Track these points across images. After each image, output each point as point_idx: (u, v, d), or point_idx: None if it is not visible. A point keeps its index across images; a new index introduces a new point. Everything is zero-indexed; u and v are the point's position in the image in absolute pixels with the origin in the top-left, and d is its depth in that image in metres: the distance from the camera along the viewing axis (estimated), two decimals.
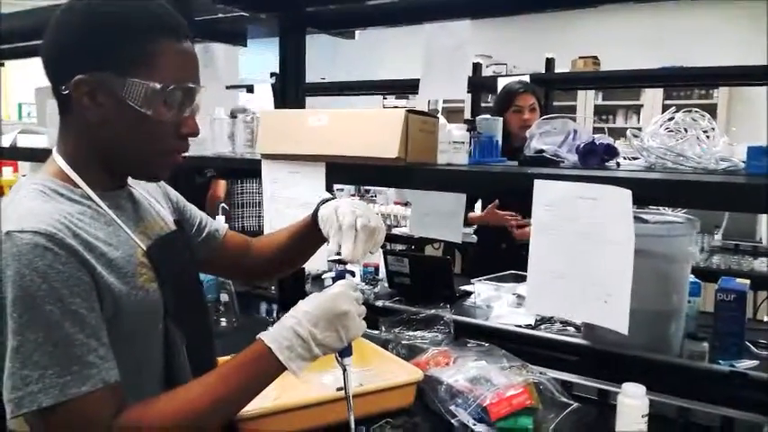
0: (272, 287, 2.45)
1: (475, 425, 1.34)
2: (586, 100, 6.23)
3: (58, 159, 1.00)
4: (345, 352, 1.08)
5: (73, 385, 0.85)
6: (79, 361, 0.86)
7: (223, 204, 2.66)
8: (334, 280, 1.10)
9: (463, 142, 1.59)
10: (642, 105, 6.02)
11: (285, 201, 1.70)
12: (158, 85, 0.95)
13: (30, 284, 0.85)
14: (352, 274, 1.17)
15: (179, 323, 1.04)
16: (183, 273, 1.11)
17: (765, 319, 1.25)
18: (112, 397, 0.89)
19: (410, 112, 1.48)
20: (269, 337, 0.99)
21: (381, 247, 2.86)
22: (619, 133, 1.53)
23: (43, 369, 0.84)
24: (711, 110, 5.33)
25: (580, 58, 6.02)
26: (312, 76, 2.24)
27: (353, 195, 5.22)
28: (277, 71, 2.14)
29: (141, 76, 0.94)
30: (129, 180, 1.10)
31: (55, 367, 0.85)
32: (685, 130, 1.43)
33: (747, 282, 1.81)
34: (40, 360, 0.84)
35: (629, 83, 4.67)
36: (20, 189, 0.97)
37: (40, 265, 0.85)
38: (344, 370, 1.10)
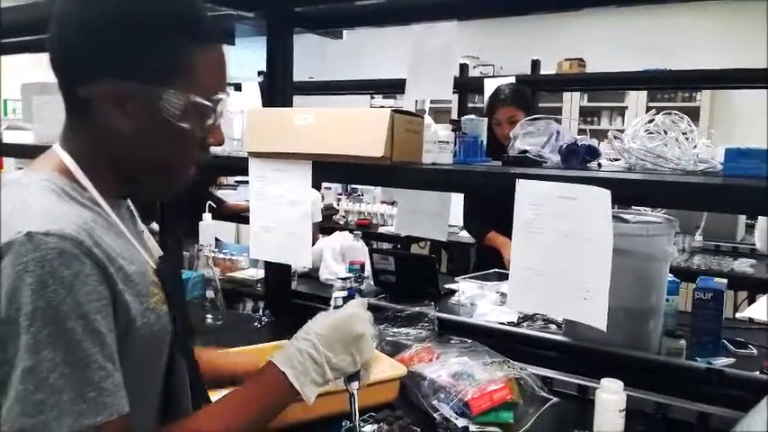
0: (259, 284, 2.46)
1: (456, 419, 1.37)
2: (572, 101, 6.29)
3: (63, 157, 0.89)
4: (353, 376, 1.05)
5: (89, 414, 0.76)
6: (96, 387, 0.77)
7: None
8: (345, 300, 1.07)
9: (448, 142, 1.62)
10: (626, 107, 6.09)
11: (272, 198, 1.71)
12: (199, 99, 0.88)
13: (53, 296, 0.75)
14: (361, 293, 1.15)
15: (183, 351, 0.99)
16: (181, 294, 1.09)
17: (738, 315, 1.28)
18: (123, 429, 0.81)
19: (396, 111, 1.50)
20: (283, 361, 0.94)
21: (367, 245, 2.89)
22: (603, 135, 1.56)
23: (59, 394, 0.75)
24: (694, 112, 5.40)
25: (566, 60, 6.07)
26: (300, 75, 2.25)
27: (341, 194, 5.23)
28: (265, 70, 2.15)
29: (179, 87, 0.87)
30: None
31: (71, 393, 0.76)
32: (665, 132, 1.46)
33: (725, 281, 1.85)
34: (56, 383, 0.75)
35: (613, 85, 4.73)
36: (26, 183, 0.86)
37: (66, 275, 0.76)
38: (352, 395, 1.07)
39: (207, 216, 2.66)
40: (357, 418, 1.10)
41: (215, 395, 1.09)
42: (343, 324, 0.99)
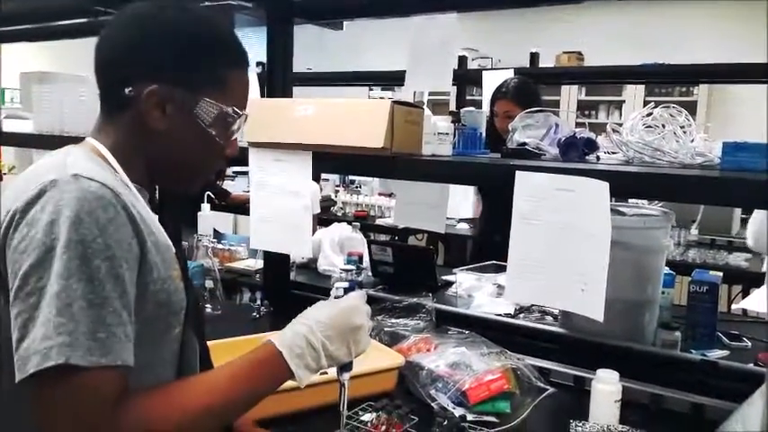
0: (257, 275, 2.48)
1: (454, 408, 1.38)
2: (570, 95, 6.29)
3: (98, 146, 0.98)
4: (347, 366, 1.06)
5: (96, 353, 0.80)
6: (107, 330, 0.81)
7: None
8: (346, 291, 1.08)
9: (448, 133, 1.63)
10: (624, 101, 6.10)
11: (272, 188, 1.72)
12: (229, 109, 1.00)
13: (86, 233, 0.81)
14: (361, 285, 1.18)
15: (195, 329, 1.04)
16: (192, 279, 1.11)
17: (733, 307, 1.30)
18: (121, 380, 0.83)
19: (396, 103, 1.51)
20: (281, 341, 0.96)
21: (366, 237, 2.90)
22: (601, 128, 1.57)
23: (77, 323, 0.79)
24: (692, 107, 5.42)
25: (564, 53, 6.08)
26: (299, 66, 2.25)
27: (338, 186, 5.24)
28: (264, 60, 2.15)
29: (213, 98, 0.98)
30: None
31: (85, 327, 0.79)
32: (663, 126, 1.47)
33: (720, 274, 1.87)
34: (76, 313, 0.79)
35: (611, 79, 4.74)
36: (64, 153, 0.94)
37: (101, 217, 0.83)
38: (342, 385, 1.09)
39: (205, 207, 2.67)
40: (345, 407, 1.12)
41: None
42: (342, 314, 1.00)
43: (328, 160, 1.65)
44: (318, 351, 0.97)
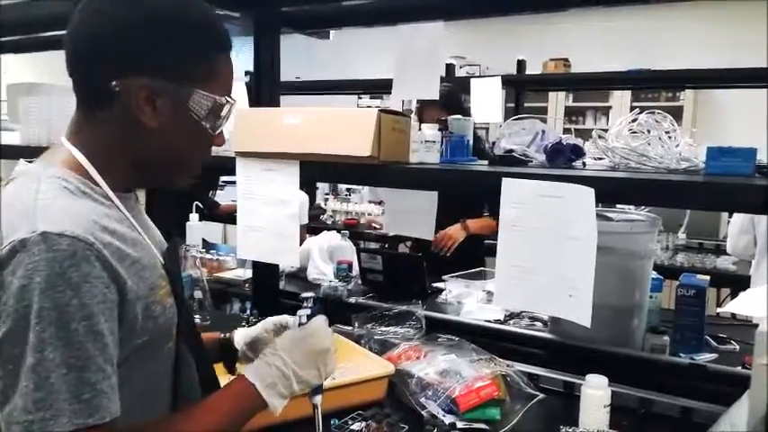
0: (246, 284, 2.47)
1: (444, 416, 1.38)
2: (557, 101, 6.33)
3: (74, 152, 0.93)
4: (317, 389, 1.09)
5: (81, 415, 0.79)
6: (92, 389, 0.80)
7: None
8: (309, 317, 1.11)
9: (435, 141, 1.63)
10: (611, 107, 6.14)
11: (260, 198, 1.72)
12: (223, 99, 0.96)
13: (60, 297, 0.79)
14: (325, 311, 1.19)
15: (188, 341, 1.03)
16: (183, 286, 1.09)
17: (717, 310, 1.31)
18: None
19: (382, 111, 1.51)
20: (253, 373, 0.99)
21: (355, 245, 2.90)
22: (589, 134, 1.58)
23: (56, 393, 0.78)
24: (678, 112, 5.45)
25: (551, 60, 6.10)
26: (287, 75, 2.25)
27: (328, 194, 5.24)
28: (251, 70, 2.15)
29: (206, 89, 0.94)
30: None
31: (67, 393, 0.78)
32: (648, 132, 1.48)
33: (707, 278, 1.88)
34: (55, 383, 0.78)
35: (597, 85, 4.77)
36: (36, 180, 0.88)
37: (74, 277, 0.80)
38: (315, 407, 1.11)
39: (194, 216, 2.66)
40: (320, 428, 1.13)
41: None
42: (309, 339, 1.04)
43: (316, 169, 1.65)
44: (290, 378, 1.00)
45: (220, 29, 0.97)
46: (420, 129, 1.65)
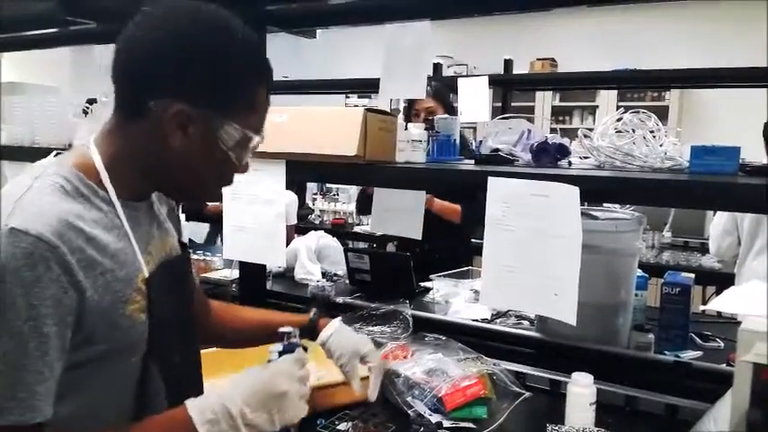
0: (233, 285, 2.46)
1: (431, 415, 1.38)
2: (544, 101, 6.35)
3: (94, 154, 0.95)
4: None
5: (15, 412, 0.79)
6: (28, 389, 0.81)
7: None
8: (281, 354, 1.04)
9: (421, 141, 1.63)
10: (597, 106, 6.17)
11: (246, 197, 1.71)
12: (254, 136, 0.97)
13: (8, 293, 0.79)
14: (305, 348, 1.17)
15: (162, 362, 0.99)
16: (178, 305, 1.05)
17: (701, 308, 1.32)
18: None
19: (369, 110, 1.51)
20: (196, 407, 0.92)
21: (343, 245, 2.90)
22: (575, 133, 1.59)
23: None
24: (663, 111, 5.49)
25: (538, 59, 6.13)
26: (274, 74, 2.24)
27: (316, 194, 5.23)
28: None
29: (239, 122, 0.94)
30: None
31: (2, 389, 0.79)
32: (633, 131, 1.49)
33: (692, 276, 1.89)
34: None
35: (584, 84, 4.79)
36: (41, 176, 0.91)
37: (26, 276, 0.80)
38: None
39: (181, 216, 2.64)
40: None
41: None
42: (267, 380, 0.97)
43: (302, 168, 1.64)
44: (236, 418, 0.92)
45: (265, 65, 0.99)
46: (407, 128, 1.65)
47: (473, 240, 2.91)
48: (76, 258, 0.84)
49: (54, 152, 0.98)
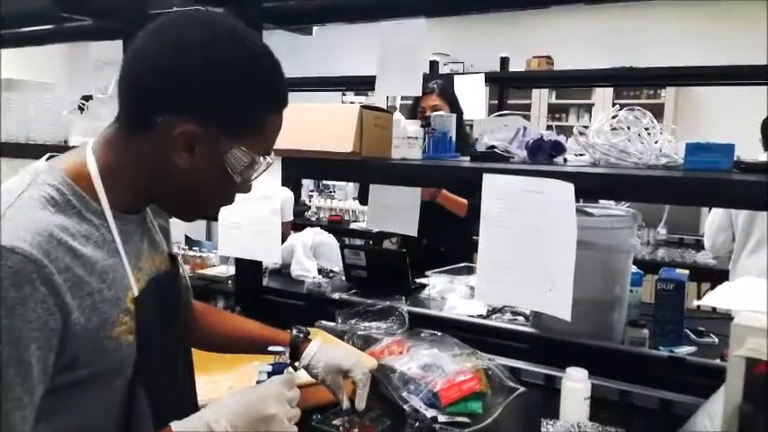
0: (229, 281, 2.46)
1: (426, 410, 1.39)
2: (540, 98, 6.36)
3: (89, 162, 0.90)
4: None
5: None
6: (4, 417, 0.76)
7: None
8: (270, 375, 1.02)
9: (417, 138, 1.64)
10: (593, 104, 6.19)
11: (242, 194, 1.71)
12: (261, 159, 0.93)
13: None
14: (295, 368, 1.23)
15: (149, 385, 0.94)
16: (167, 324, 1.00)
17: (694, 303, 1.33)
18: None
19: (365, 107, 1.52)
20: (181, 428, 0.90)
21: (339, 242, 2.90)
22: (571, 131, 1.60)
23: None
24: (659, 109, 5.51)
25: (534, 57, 6.14)
26: None
27: (312, 191, 5.23)
28: None
29: (247, 145, 0.91)
30: None
31: None
32: (628, 128, 1.50)
33: (686, 272, 1.90)
34: None
35: (580, 82, 4.81)
36: (31, 185, 0.86)
37: (11, 297, 0.76)
38: None
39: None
40: None
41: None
42: (254, 402, 0.94)
43: (298, 165, 1.65)
44: None
45: (281, 89, 0.95)
46: (402, 125, 1.65)
47: (474, 238, 2.91)
48: (64, 278, 0.80)
49: (47, 155, 0.94)
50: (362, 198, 3.04)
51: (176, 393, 1.04)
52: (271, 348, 1.10)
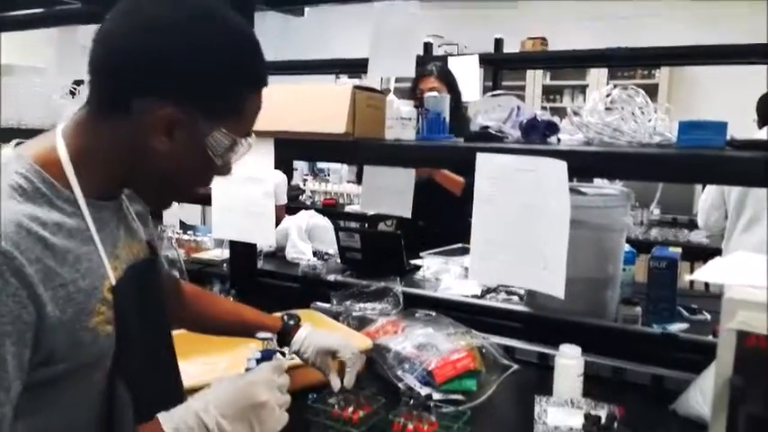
0: (224, 265, 2.46)
1: (421, 388, 1.40)
2: (535, 80, 6.35)
3: (60, 147, 0.86)
4: None
5: None
6: None
7: None
8: (259, 362, 1.00)
9: (410, 118, 1.63)
10: (587, 85, 6.18)
11: (234, 176, 1.70)
12: (243, 140, 0.92)
13: None
14: (283, 354, 1.22)
15: (130, 377, 0.91)
16: (148, 313, 0.98)
17: (687, 278, 1.33)
18: None
19: (357, 87, 1.51)
20: (169, 418, 0.87)
21: (334, 225, 2.90)
22: (565, 113, 1.60)
23: None
24: (653, 89, 5.51)
25: (529, 39, 6.11)
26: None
27: (307, 174, 5.22)
28: None
29: (227, 127, 0.89)
30: None
31: None
32: (622, 107, 1.49)
33: (679, 250, 1.91)
34: None
35: (574, 63, 4.79)
36: None
37: None
38: None
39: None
40: None
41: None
42: (244, 389, 0.92)
43: (290, 146, 1.64)
44: (212, 430, 0.87)
45: (260, 68, 0.93)
46: (396, 105, 1.65)
47: (470, 219, 2.91)
48: (35, 269, 0.77)
49: (15, 141, 0.90)
50: (360, 179, 3.04)
51: (158, 383, 1.01)
52: (259, 335, 1.08)
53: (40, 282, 0.77)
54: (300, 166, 5.13)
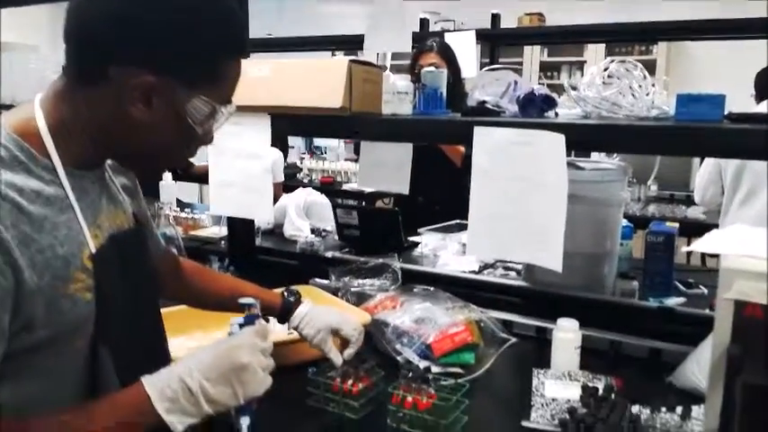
0: (222, 242, 2.46)
1: (419, 361, 1.41)
2: (532, 56, 6.31)
3: (38, 117, 0.87)
4: (244, 410, 0.95)
5: None
6: None
7: None
8: (242, 326, 1.00)
9: (407, 93, 1.62)
10: (585, 61, 6.14)
11: (231, 152, 1.70)
12: (223, 108, 0.91)
13: None
14: (267, 320, 1.20)
15: (114, 346, 0.92)
16: (132, 282, 0.98)
17: (684, 249, 1.33)
18: None
19: (353, 61, 1.50)
20: (152, 382, 0.86)
21: (332, 203, 2.90)
22: (563, 89, 1.59)
23: None
24: (651, 65, 5.48)
25: (526, 14, 6.06)
26: (257, 32, 2.21)
27: (304, 153, 5.20)
28: None
29: (209, 94, 0.88)
30: None
31: None
32: (619, 80, 1.49)
33: (676, 225, 1.92)
34: None
35: (572, 38, 4.76)
36: None
37: None
38: (239, 431, 0.96)
39: (167, 176, 2.63)
40: None
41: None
42: (226, 353, 0.91)
43: (286, 122, 1.63)
44: (197, 394, 0.86)
45: (239, 33, 0.92)
46: (392, 80, 1.64)
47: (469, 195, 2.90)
48: (11, 235, 0.77)
49: None
50: (359, 154, 3.04)
51: (143, 350, 1.00)
52: (241, 301, 1.07)
53: (17, 247, 0.78)
54: (297, 144, 5.12)
